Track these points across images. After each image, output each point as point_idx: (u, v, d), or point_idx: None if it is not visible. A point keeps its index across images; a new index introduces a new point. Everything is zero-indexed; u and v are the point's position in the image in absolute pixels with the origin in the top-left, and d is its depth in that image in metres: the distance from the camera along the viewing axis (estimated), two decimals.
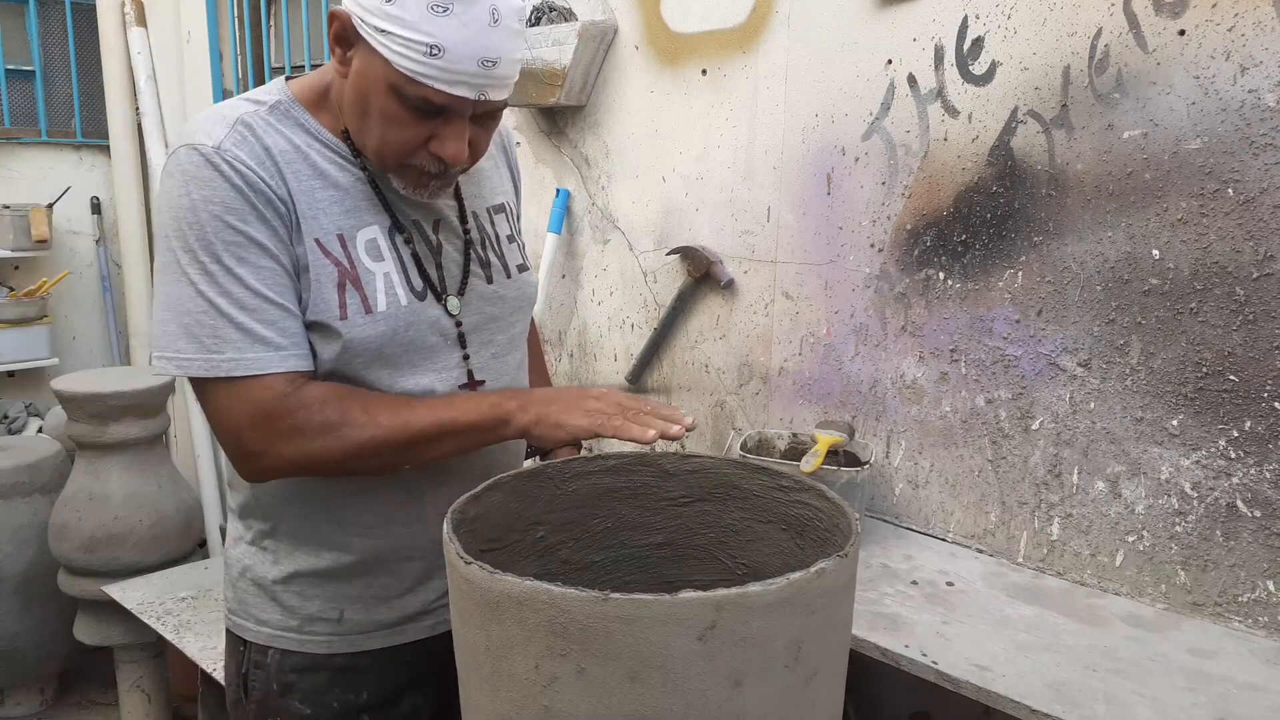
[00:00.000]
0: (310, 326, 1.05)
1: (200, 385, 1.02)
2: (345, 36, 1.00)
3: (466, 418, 1.03)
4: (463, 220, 1.18)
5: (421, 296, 1.10)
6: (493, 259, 1.21)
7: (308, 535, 1.14)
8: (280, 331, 1.01)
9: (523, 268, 1.26)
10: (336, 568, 1.14)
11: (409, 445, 1.03)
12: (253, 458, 1.03)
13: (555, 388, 1.09)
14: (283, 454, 1.01)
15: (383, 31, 0.94)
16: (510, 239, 1.26)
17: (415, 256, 1.11)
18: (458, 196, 1.18)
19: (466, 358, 1.15)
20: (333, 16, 0.99)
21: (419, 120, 1.00)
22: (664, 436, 0.96)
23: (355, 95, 1.01)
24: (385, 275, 1.08)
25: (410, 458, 1.05)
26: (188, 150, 1.00)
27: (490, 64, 0.97)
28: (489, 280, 1.19)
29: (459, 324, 1.14)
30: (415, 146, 1.02)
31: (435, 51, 0.94)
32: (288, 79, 1.12)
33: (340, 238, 1.06)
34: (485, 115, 1.04)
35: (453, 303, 1.13)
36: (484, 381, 1.16)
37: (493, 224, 1.23)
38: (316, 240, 1.04)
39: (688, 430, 0.98)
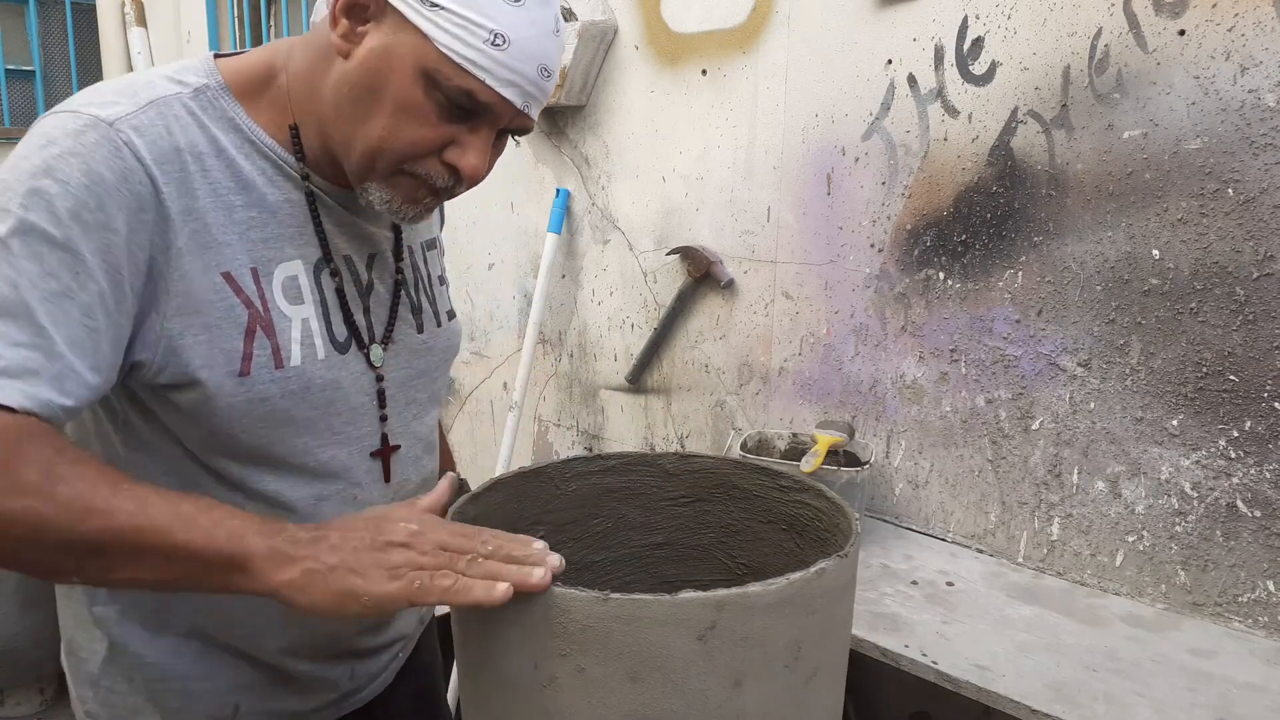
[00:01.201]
0: (190, 385, 0.81)
1: None
2: (362, 5, 0.81)
3: (182, 538, 0.70)
4: (397, 256, 0.98)
5: (343, 348, 0.91)
6: (424, 303, 1.02)
7: (185, 610, 0.91)
8: (17, 356, 0.71)
9: (451, 314, 1.08)
10: (223, 659, 0.94)
11: (80, 547, 0.69)
12: None
13: (341, 518, 0.76)
14: None
15: (433, 5, 0.77)
16: (441, 280, 1.08)
17: (341, 297, 0.91)
18: (395, 228, 0.98)
19: (384, 419, 0.95)
20: None
21: (443, 119, 0.82)
22: (521, 590, 0.69)
23: (362, 77, 0.81)
24: (304, 322, 0.87)
25: (85, 566, 0.71)
26: (71, 115, 0.77)
27: (546, 75, 0.83)
28: (419, 329, 1.00)
29: (380, 378, 0.94)
30: (428, 150, 0.83)
31: (499, 41, 0.78)
32: (216, 56, 0.89)
33: (254, 272, 0.85)
34: (508, 132, 0.87)
35: (375, 352, 0.94)
36: (399, 447, 0.97)
37: (425, 262, 1.05)
38: (226, 274, 0.83)
39: (555, 573, 0.70)
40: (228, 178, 0.84)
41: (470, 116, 0.83)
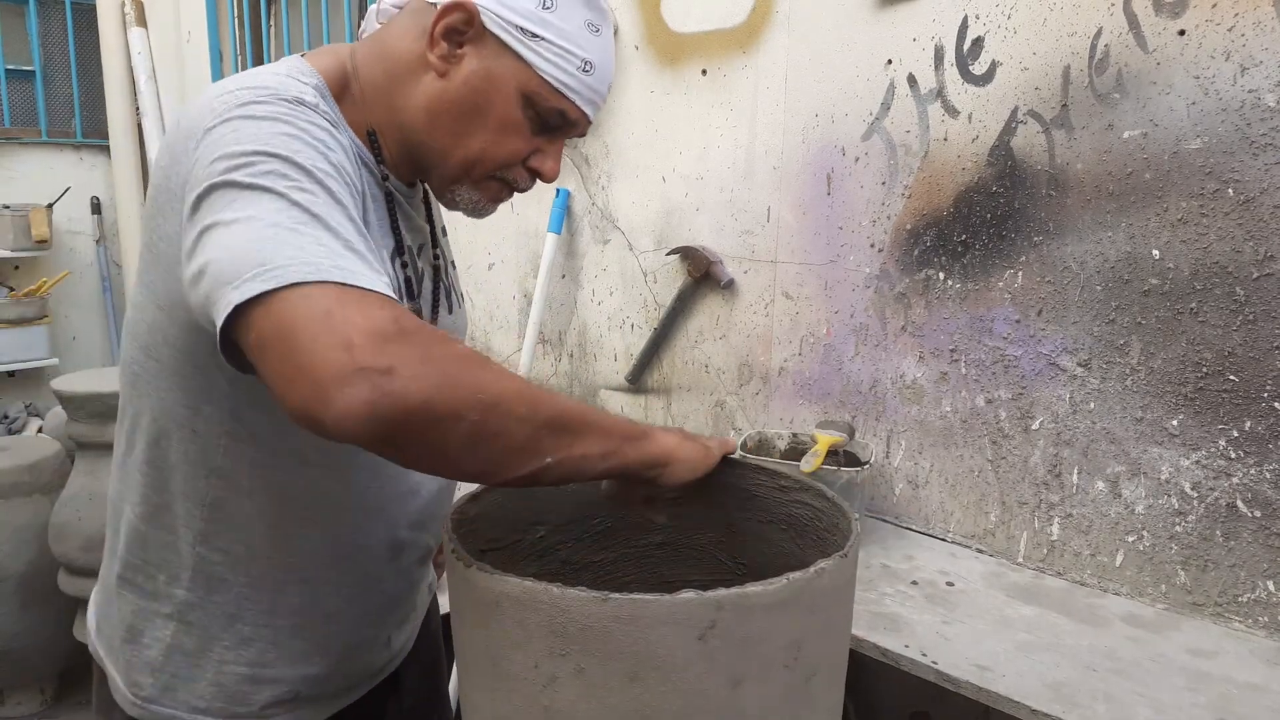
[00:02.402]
0: None
1: (281, 300, 0.67)
2: (463, 30, 0.89)
3: (608, 420, 0.82)
4: (434, 244, 1.08)
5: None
6: (452, 285, 1.13)
7: (261, 605, 0.96)
8: (378, 269, 0.75)
9: (462, 298, 1.18)
10: (297, 636, 0.98)
11: (553, 422, 0.76)
12: (366, 377, 0.64)
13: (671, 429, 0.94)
14: (429, 374, 0.67)
15: (533, 36, 0.89)
16: (453, 264, 1.18)
17: (408, 283, 1.00)
18: (430, 220, 1.08)
19: None
20: (455, 5, 0.88)
21: (535, 133, 0.95)
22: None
23: (465, 95, 0.90)
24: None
25: (546, 435, 0.76)
26: (275, 99, 0.81)
27: (608, 88, 0.98)
28: (450, 310, 1.10)
29: None
30: (520, 157, 0.96)
31: (588, 68, 0.92)
32: (303, 56, 0.95)
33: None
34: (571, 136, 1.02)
35: None
36: None
37: (448, 249, 1.16)
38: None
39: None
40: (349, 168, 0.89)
41: (557, 130, 0.96)
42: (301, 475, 0.93)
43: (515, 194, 1.01)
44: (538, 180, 0.99)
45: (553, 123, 0.94)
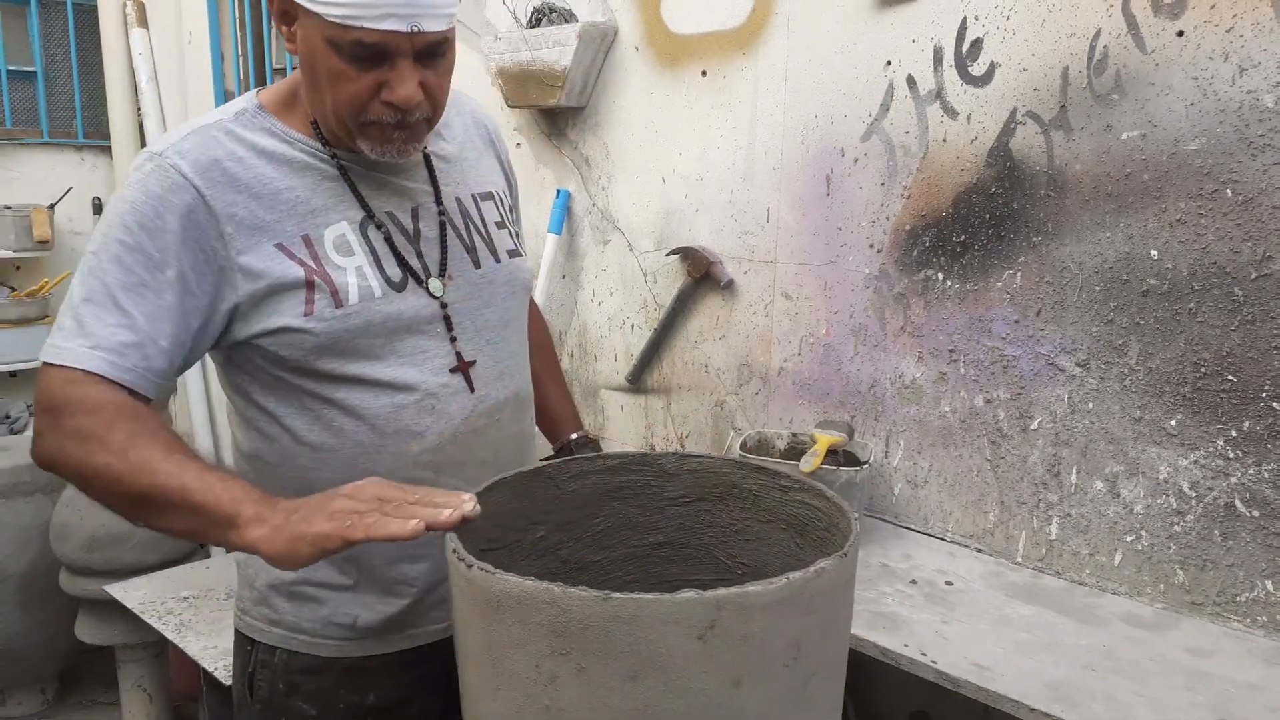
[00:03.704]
0: (277, 333, 1.03)
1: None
2: (286, 11, 1.01)
3: (199, 499, 0.90)
4: (438, 202, 1.16)
5: (399, 286, 1.09)
6: (478, 243, 1.19)
7: None
8: (109, 332, 0.97)
9: (514, 253, 1.24)
10: (350, 572, 1.12)
11: (136, 498, 0.93)
12: (35, 439, 0.99)
13: (307, 498, 0.91)
14: (47, 445, 0.97)
15: None
16: (500, 225, 1.23)
17: (391, 245, 1.10)
18: (433, 182, 1.17)
19: (454, 339, 1.13)
20: None
21: (363, 70, 0.99)
22: (432, 528, 0.82)
23: (305, 67, 1.03)
24: (357, 269, 1.07)
25: (135, 512, 0.96)
26: (140, 156, 1.04)
27: None
28: (476, 265, 1.17)
29: (444, 305, 1.12)
30: (367, 99, 1.01)
31: None
32: (259, 90, 1.13)
33: (305, 239, 1.05)
34: (430, 53, 1.02)
35: (435, 284, 1.12)
36: (474, 362, 1.14)
37: (479, 210, 1.21)
38: (279, 244, 1.04)
39: (465, 516, 0.83)
40: (271, 170, 1.05)
41: (381, 58, 0.99)
42: (309, 394, 1.08)
43: (410, 129, 1.05)
44: (406, 111, 1.02)
45: (361, 54, 0.98)
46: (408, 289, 1.10)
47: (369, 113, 1.02)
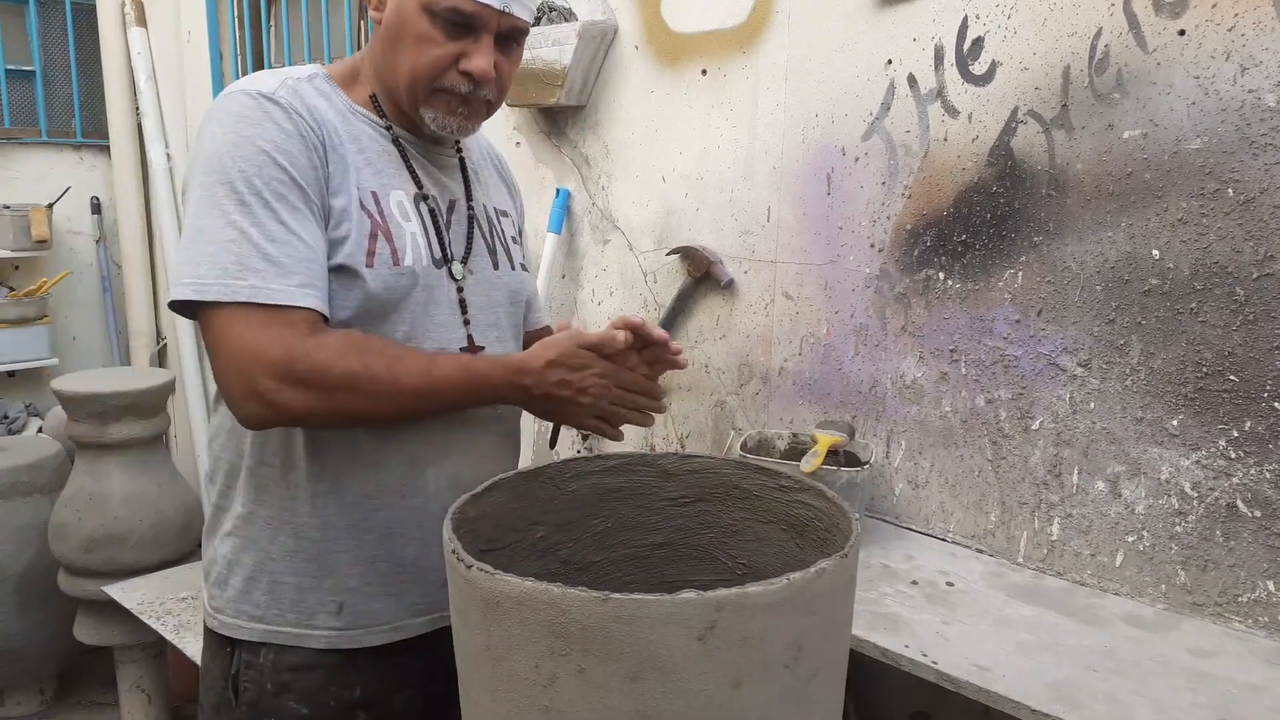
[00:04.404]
0: (336, 271, 1.06)
1: (211, 317, 1.00)
2: None
3: (485, 369, 1.07)
4: (469, 201, 1.23)
5: (439, 264, 1.15)
6: (499, 248, 1.26)
7: (303, 512, 1.11)
8: (307, 270, 1.01)
9: (524, 267, 1.31)
10: (334, 548, 1.12)
11: (429, 398, 1.05)
12: (260, 398, 0.99)
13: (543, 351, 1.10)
14: (295, 400, 0.99)
15: None
16: (515, 240, 1.32)
17: (435, 220, 1.16)
18: (467, 184, 1.25)
19: (467, 322, 1.18)
20: None
21: (449, 38, 1.07)
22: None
23: (389, 31, 1.09)
24: (412, 235, 1.12)
25: (429, 411, 1.08)
26: (240, 95, 1.05)
27: None
28: (495, 265, 1.24)
29: (460, 289, 1.17)
30: (446, 65, 1.08)
31: None
32: (321, 65, 1.19)
33: (374, 195, 1.11)
34: (509, 37, 1.11)
35: (457, 268, 1.17)
36: (483, 348, 1.19)
37: (499, 221, 1.29)
38: (354, 193, 1.09)
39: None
40: (340, 132, 1.10)
41: (469, 30, 1.08)
42: None
43: (475, 103, 1.12)
44: (479, 84, 1.10)
45: (456, 20, 1.06)
46: (441, 270, 1.16)
47: (444, 79, 1.09)
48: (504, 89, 1.15)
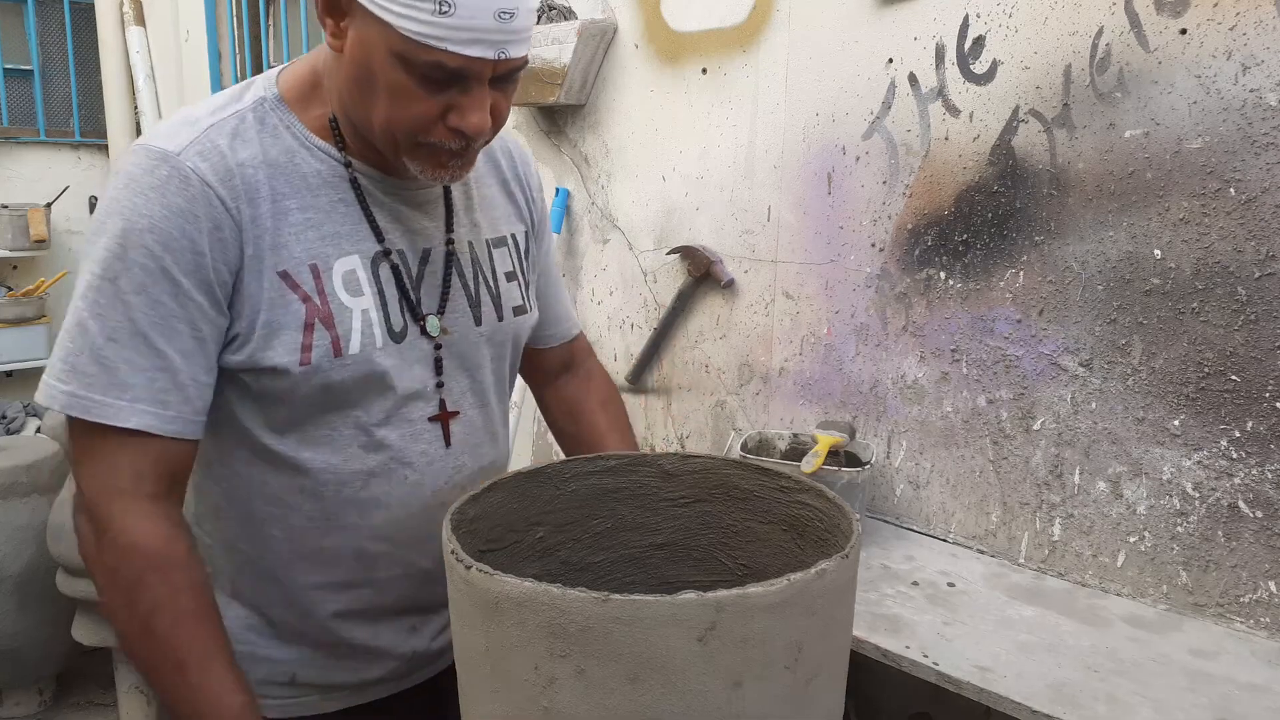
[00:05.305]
0: (266, 373, 0.92)
1: (71, 425, 0.89)
2: (337, 4, 0.87)
3: (206, 710, 0.86)
4: (449, 251, 1.05)
5: (400, 336, 0.99)
6: (484, 296, 1.07)
7: (246, 592, 1.03)
8: (146, 380, 0.86)
9: (520, 309, 1.12)
10: (282, 630, 1.04)
11: (148, 671, 0.89)
12: (77, 528, 0.91)
13: None
14: (87, 555, 0.90)
15: None
16: (510, 276, 1.12)
17: (399, 285, 0.99)
18: (449, 222, 1.06)
19: (440, 385, 1.03)
20: None
21: (432, 92, 0.86)
22: None
23: (354, 71, 0.88)
24: (364, 313, 0.96)
25: (153, 687, 0.91)
26: (142, 151, 0.89)
27: (508, 15, 0.84)
28: (477, 321, 1.06)
29: (438, 347, 1.02)
30: (430, 122, 0.88)
31: (445, 8, 0.81)
32: (281, 70, 0.99)
33: (314, 268, 0.93)
34: (504, 77, 0.90)
35: (432, 323, 1.01)
36: (458, 413, 1.05)
37: (490, 258, 1.09)
38: (283, 273, 0.92)
39: None
40: (283, 183, 0.93)
41: (454, 81, 0.86)
42: (252, 472, 0.99)
43: (470, 154, 0.94)
44: (472, 139, 0.90)
45: (436, 77, 0.85)
46: (406, 340, 0.99)
47: (430, 135, 0.89)
48: (501, 125, 0.94)
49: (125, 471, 0.87)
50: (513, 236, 1.14)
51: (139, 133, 3.97)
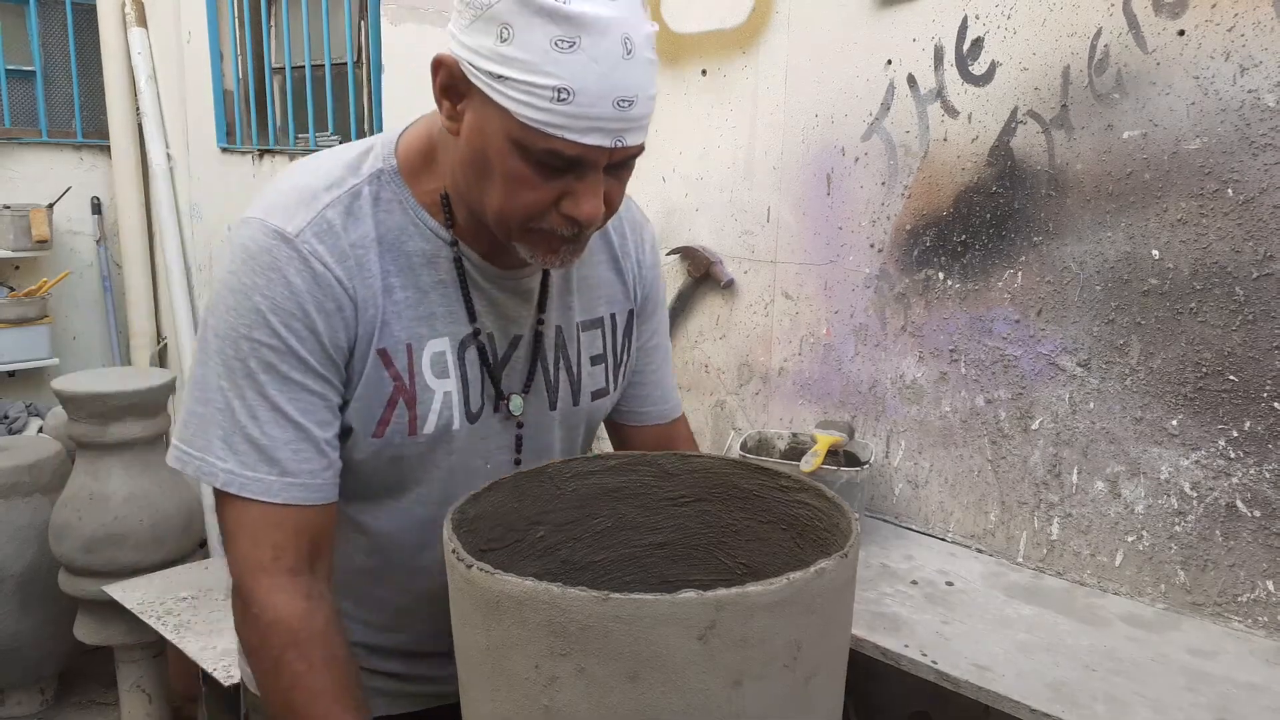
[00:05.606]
0: (342, 432, 0.96)
1: (219, 499, 0.93)
2: (454, 86, 0.86)
3: None
4: (536, 336, 1.05)
5: (475, 417, 1.01)
6: (563, 381, 1.08)
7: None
8: (292, 454, 0.90)
9: (600, 393, 1.12)
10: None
11: None
12: (239, 612, 0.93)
13: None
14: (237, 628, 0.94)
15: (499, 78, 0.81)
16: (597, 359, 1.12)
17: (483, 368, 1.01)
18: (542, 308, 1.05)
19: (518, 463, 1.06)
20: (437, 64, 0.86)
21: (547, 178, 0.85)
22: None
23: (471, 154, 0.88)
24: (445, 395, 0.98)
25: None
26: (260, 226, 0.90)
27: (626, 104, 0.82)
28: (551, 405, 1.08)
29: (520, 425, 1.05)
30: (544, 208, 0.87)
31: (564, 95, 0.79)
32: (401, 134, 0.99)
33: (409, 348, 0.96)
34: (620, 164, 0.89)
35: (515, 402, 1.04)
36: None
37: (578, 342, 1.09)
38: (382, 350, 0.94)
39: None
40: (390, 261, 0.94)
41: (570, 168, 0.85)
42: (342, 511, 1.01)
43: (582, 239, 0.92)
44: (588, 223, 0.89)
45: (553, 164, 0.84)
46: (482, 419, 1.02)
47: (543, 222, 0.88)
48: (614, 211, 0.92)
49: (266, 546, 0.90)
50: (611, 316, 1.13)
51: (141, 133, 3.97)
